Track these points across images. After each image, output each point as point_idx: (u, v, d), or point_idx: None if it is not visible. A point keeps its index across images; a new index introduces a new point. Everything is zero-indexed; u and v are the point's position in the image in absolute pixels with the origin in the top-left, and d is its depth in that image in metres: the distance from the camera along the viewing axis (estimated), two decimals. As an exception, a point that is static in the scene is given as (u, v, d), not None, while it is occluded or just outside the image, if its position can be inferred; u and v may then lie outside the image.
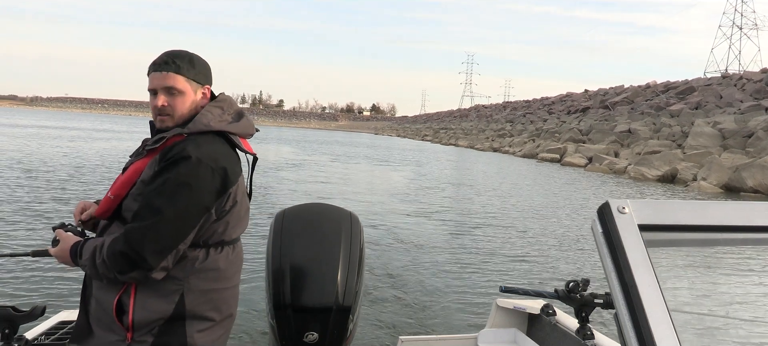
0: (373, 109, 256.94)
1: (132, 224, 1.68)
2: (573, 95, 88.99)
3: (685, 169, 26.53)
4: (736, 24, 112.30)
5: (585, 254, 9.45)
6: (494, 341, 3.11)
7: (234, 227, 1.81)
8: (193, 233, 1.69)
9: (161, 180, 1.68)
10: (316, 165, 28.49)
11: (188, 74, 1.83)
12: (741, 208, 0.90)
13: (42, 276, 6.38)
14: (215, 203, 1.72)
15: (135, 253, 1.62)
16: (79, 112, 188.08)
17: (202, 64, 1.89)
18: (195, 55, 1.88)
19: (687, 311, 3.95)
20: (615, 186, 23.82)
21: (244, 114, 1.92)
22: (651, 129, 40.67)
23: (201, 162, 1.68)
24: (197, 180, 1.67)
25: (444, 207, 14.98)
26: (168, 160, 1.69)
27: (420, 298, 6.58)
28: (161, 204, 1.65)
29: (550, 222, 12.96)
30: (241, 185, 1.84)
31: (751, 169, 22.77)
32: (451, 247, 9.61)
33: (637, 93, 64.26)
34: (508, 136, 66.04)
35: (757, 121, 32.06)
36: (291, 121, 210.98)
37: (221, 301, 1.80)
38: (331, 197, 15.55)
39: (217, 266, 1.77)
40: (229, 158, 1.79)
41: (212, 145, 1.76)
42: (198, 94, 1.87)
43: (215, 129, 1.78)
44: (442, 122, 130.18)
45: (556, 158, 39.96)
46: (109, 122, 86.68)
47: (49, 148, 25.84)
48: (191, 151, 1.69)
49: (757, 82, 46.68)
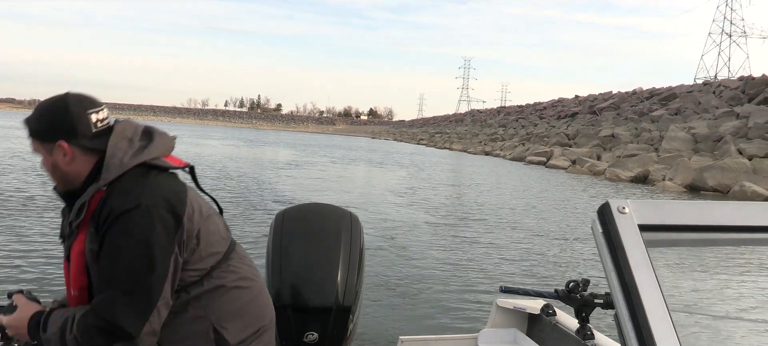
0: (371, 113, 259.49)
1: (99, 297, 1.54)
2: (564, 100, 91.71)
3: (656, 171, 28.98)
4: (725, 31, 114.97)
5: (580, 254, 9.55)
6: (494, 341, 3.12)
7: (215, 242, 1.68)
8: (168, 284, 1.55)
9: (109, 250, 1.52)
10: (316, 167, 30.21)
11: (35, 136, 1.63)
12: (741, 208, 0.90)
13: (42, 276, 6.41)
14: (176, 241, 1.56)
15: (110, 325, 1.49)
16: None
17: (45, 115, 1.62)
18: (44, 103, 1.64)
19: (687, 311, 5.86)
20: (589, 185, 26.18)
21: (154, 130, 1.73)
22: (632, 134, 43.09)
23: (139, 208, 1.52)
24: (146, 230, 1.51)
25: (443, 207, 15.46)
26: (105, 226, 1.52)
27: (420, 298, 6.65)
28: (121, 273, 1.51)
29: (547, 222, 13.40)
30: (195, 199, 1.68)
31: (712, 170, 25.21)
32: (451, 247, 9.68)
33: (624, 99, 66.93)
34: (500, 140, 68.62)
35: (727, 127, 34.45)
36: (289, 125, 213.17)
37: (253, 310, 1.74)
38: (331, 197, 15.74)
39: (225, 283, 1.68)
40: (166, 187, 1.61)
41: (138, 183, 1.57)
42: (54, 155, 1.61)
43: (133, 165, 1.58)
44: (438, 127, 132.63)
45: (543, 161, 42.36)
46: None
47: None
48: (122, 204, 1.52)
49: (734, 89, 49.19)
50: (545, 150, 45.70)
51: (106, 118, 1.66)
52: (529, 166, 41.52)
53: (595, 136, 46.11)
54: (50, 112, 1.61)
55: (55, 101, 1.61)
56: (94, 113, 1.62)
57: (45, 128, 1.61)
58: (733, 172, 24.54)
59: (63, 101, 1.60)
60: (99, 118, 1.63)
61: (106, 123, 1.65)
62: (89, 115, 1.61)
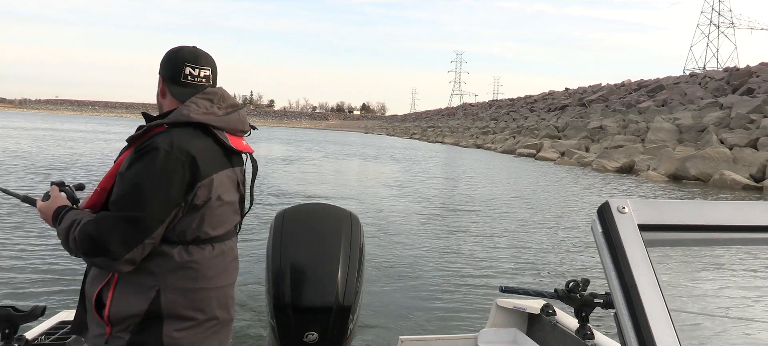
0: (364, 108, 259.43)
1: (105, 212, 1.69)
2: (554, 93, 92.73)
3: (641, 161, 29.84)
4: (714, 23, 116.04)
5: (575, 253, 9.55)
6: (494, 341, 3.11)
7: (212, 225, 1.76)
8: (162, 228, 1.66)
9: (131, 172, 1.66)
10: (310, 163, 30.59)
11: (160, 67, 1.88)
12: (741, 208, 0.90)
13: (42, 276, 6.44)
14: (184, 196, 1.67)
15: (102, 240, 1.61)
16: (69, 114, 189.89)
17: (166, 55, 1.87)
18: (176, 46, 1.89)
19: (687, 311, 6.17)
20: (578, 176, 26.94)
21: (239, 109, 1.88)
22: (619, 125, 43.95)
23: (170, 154, 1.65)
24: (164, 173, 1.64)
25: (438, 200, 15.59)
26: (139, 152, 1.67)
27: (420, 298, 6.63)
28: (129, 196, 1.64)
29: (537, 216, 13.48)
30: (224, 183, 1.79)
31: (693, 159, 26.08)
32: (451, 247, 9.67)
33: (612, 91, 67.96)
34: (491, 133, 69.56)
35: (711, 117, 35.31)
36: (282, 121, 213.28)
37: (202, 301, 1.75)
38: (329, 196, 15.75)
39: (194, 265, 1.72)
40: (205, 152, 1.73)
41: (186, 136, 1.70)
42: (158, 87, 1.89)
43: (195, 121, 1.73)
44: (430, 121, 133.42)
45: (532, 153, 43.23)
46: (112, 124, 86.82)
47: (57, 149, 27.80)
48: (160, 142, 1.66)
49: (719, 80, 50.19)
50: (535, 143, 46.59)
51: (200, 76, 1.86)
52: (518, 158, 42.31)
53: (584, 129, 47.00)
54: (166, 55, 1.88)
55: (172, 49, 1.89)
56: (189, 67, 1.84)
57: (160, 65, 1.88)
58: (714, 161, 25.40)
59: (174, 50, 1.87)
60: (192, 73, 1.85)
61: (199, 79, 1.85)
62: (184, 66, 1.84)
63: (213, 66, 1.90)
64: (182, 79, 1.83)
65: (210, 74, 1.88)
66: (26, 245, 7.87)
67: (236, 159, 1.89)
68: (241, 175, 1.93)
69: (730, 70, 52.25)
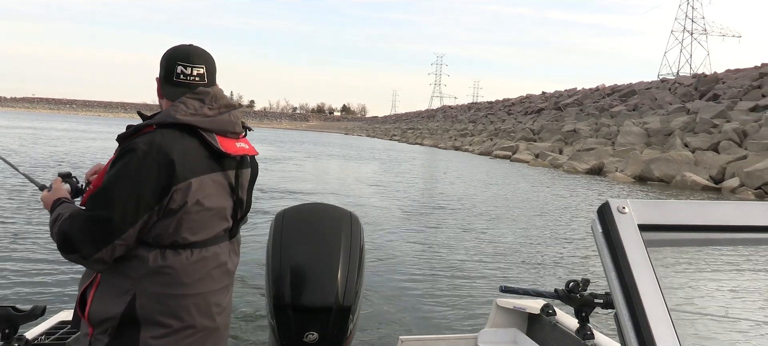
0: (344, 109, 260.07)
1: (80, 210, 1.70)
2: (531, 97, 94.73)
3: (610, 164, 31.18)
4: (687, 29, 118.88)
5: (571, 251, 9.52)
6: (494, 341, 3.11)
7: (191, 230, 1.71)
8: (134, 230, 1.62)
9: (110, 172, 1.66)
10: (292, 162, 31.19)
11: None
12: (741, 208, 0.90)
13: (42, 276, 6.43)
14: (158, 200, 1.64)
15: (73, 237, 1.62)
16: (46, 112, 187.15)
17: (163, 55, 1.85)
18: (174, 45, 1.86)
19: (687, 310, 5.34)
20: (553, 178, 28.12)
21: (233, 109, 1.85)
22: (592, 128, 45.43)
23: (147, 156, 1.62)
24: (138, 175, 1.61)
25: (441, 206, 15.50)
26: (121, 152, 1.66)
27: (420, 298, 6.64)
28: (100, 196, 1.63)
29: (541, 218, 13.85)
30: (207, 186, 1.74)
31: (657, 162, 27.43)
32: (450, 247, 9.68)
33: (587, 95, 69.88)
34: (469, 135, 70.92)
35: (677, 122, 36.85)
36: (262, 121, 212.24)
37: (179, 308, 1.71)
38: (328, 195, 15.77)
39: (169, 270, 1.69)
40: (187, 154, 1.69)
41: (169, 138, 1.67)
42: (157, 85, 1.87)
43: (181, 122, 1.69)
44: (410, 123, 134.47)
45: (508, 155, 44.50)
46: (91, 123, 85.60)
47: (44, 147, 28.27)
48: (140, 144, 1.64)
49: (687, 86, 52.12)
50: (511, 145, 47.94)
51: (193, 75, 1.81)
52: (495, 160, 43.53)
53: (558, 132, 48.46)
54: (164, 54, 1.85)
55: (169, 48, 1.86)
56: (181, 66, 1.80)
57: (160, 62, 1.86)
58: (677, 163, 26.76)
59: (169, 49, 1.85)
60: (184, 71, 1.80)
61: (192, 78, 1.81)
62: (176, 65, 1.81)
63: (208, 64, 1.87)
64: (174, 78, 1.82)
65: (204, 73, 1.85)
66: (26, 244, 7.87)
67: (228, 162, 1.84)
68: (236, 178, 1.88)
69: (699, 77, 54.28)
